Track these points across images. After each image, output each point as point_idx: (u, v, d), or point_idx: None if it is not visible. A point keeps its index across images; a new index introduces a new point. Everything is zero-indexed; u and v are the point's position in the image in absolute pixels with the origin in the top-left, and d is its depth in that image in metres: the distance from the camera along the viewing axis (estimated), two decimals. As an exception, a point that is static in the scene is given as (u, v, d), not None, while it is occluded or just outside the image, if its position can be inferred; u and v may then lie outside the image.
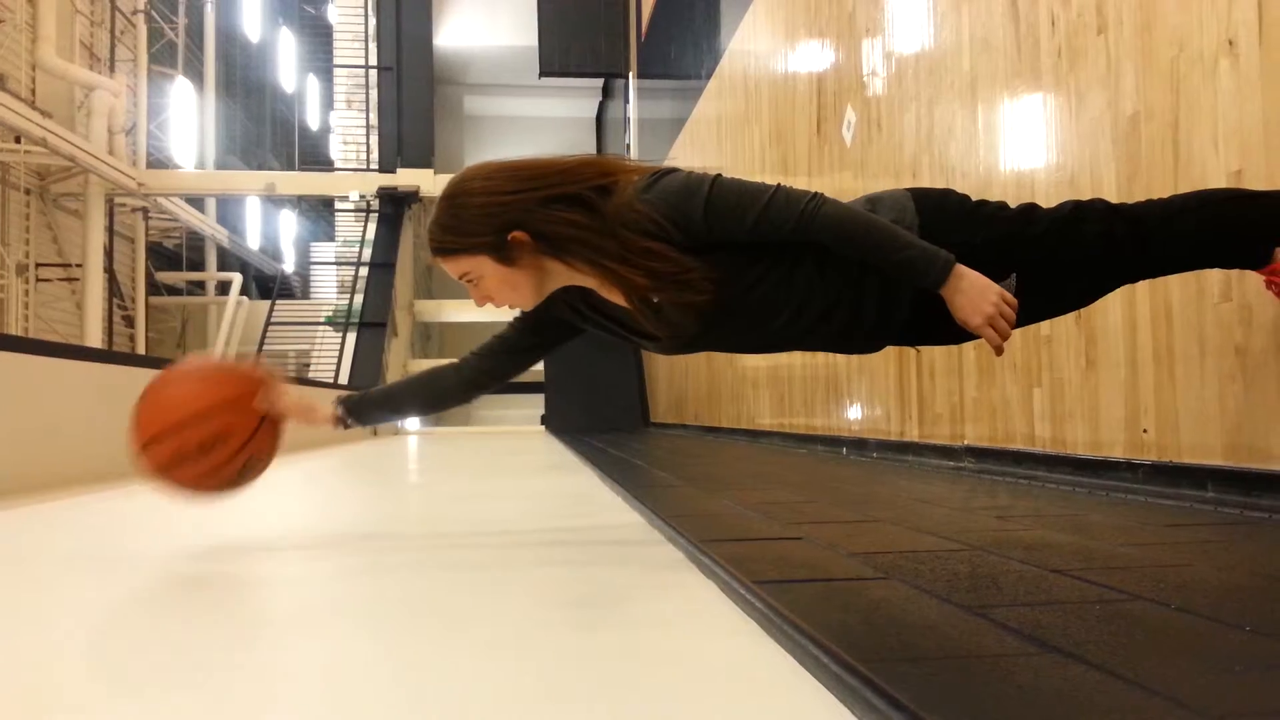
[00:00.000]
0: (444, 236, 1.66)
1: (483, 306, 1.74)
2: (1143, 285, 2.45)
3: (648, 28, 12.69)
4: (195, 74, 18.67)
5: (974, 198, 1.73)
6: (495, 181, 1.63)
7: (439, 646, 1.18)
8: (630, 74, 14.90)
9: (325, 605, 1.48)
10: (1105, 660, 0.92)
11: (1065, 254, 1.64)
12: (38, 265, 13.39)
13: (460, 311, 16.32)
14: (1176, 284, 2.33)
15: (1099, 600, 1.20)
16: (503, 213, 1.60)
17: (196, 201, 17.22)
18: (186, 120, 17.98)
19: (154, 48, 16.66)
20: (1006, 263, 1.61)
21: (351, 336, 13.51)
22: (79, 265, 13.65)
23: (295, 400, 1.93)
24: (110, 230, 14.39)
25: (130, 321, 15.61)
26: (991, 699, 0.82)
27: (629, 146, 14.92)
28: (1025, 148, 3.08)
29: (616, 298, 1.69)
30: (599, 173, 1.61)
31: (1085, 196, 2.67)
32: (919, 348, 1.87)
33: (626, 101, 15.25)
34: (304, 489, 4.10)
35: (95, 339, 13.24)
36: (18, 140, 11.84)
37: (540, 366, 13.77)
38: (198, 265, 18.77)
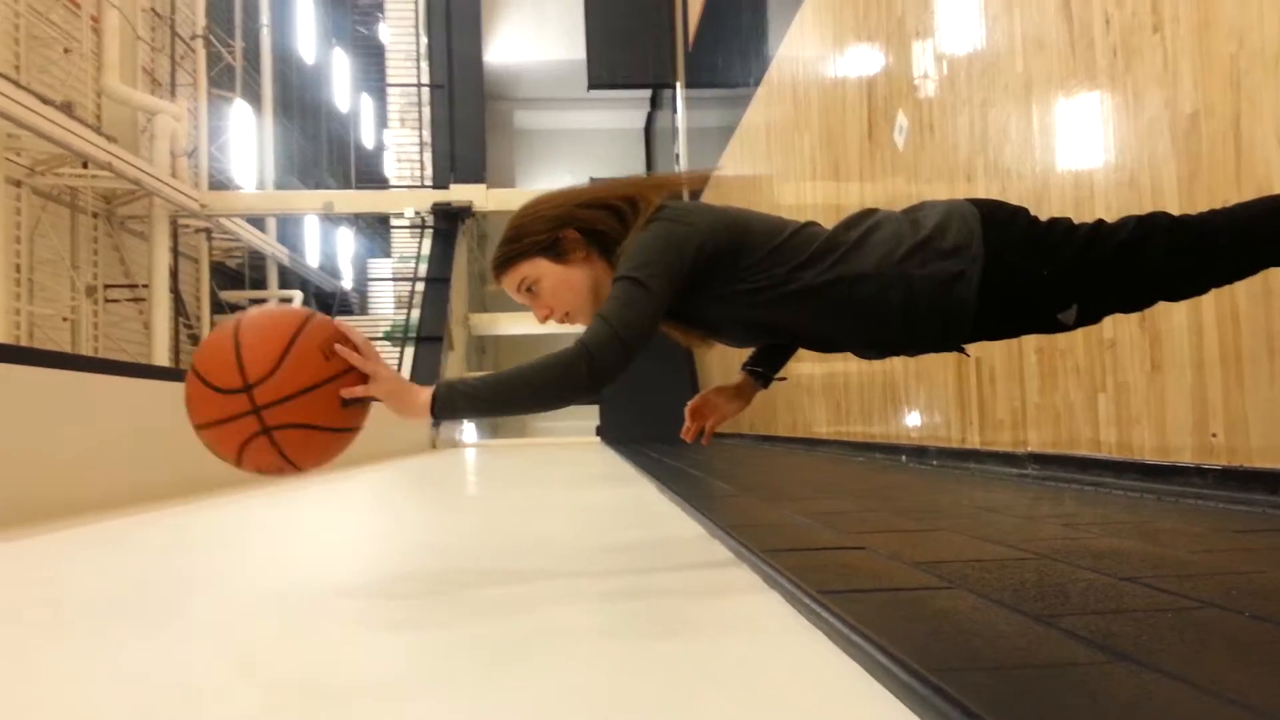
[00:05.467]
0: (503, 249, 1.79)
1: (545, 322, 1.79)
2: (1208, 286, 2.41)
3: (695, 37, 12.73)
4: (253, 96, 19.07)
5: (1032, 202, 1.72)
6: (549, 197, 1.81)
7: (504, 656, 1.21)
8: (678, 84, 14.93)
9: (389, 615, 1.52)
10: (1178, 669, 0.91)
11: (1129, 276, 1.61)
12: (106, 286, 13.77)
13: (514, 324, 16.46)
14: (1242, 284, 2.29)
15: (1170, 608, 1.19)
16: (554, 214, 1.75)
17: (257, 221, 17.56)
18: (246, 142, 18.37)
19: (213, 72, 17.05)
20: (1070, 293, 1.60)
21: (409, 351, 13.69)
22: (145, 286, 14.01)
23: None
24: (175, 251, 14.75)
25: (196, 340, 15.97)
26: (1064, 708, 0.82)
27: (678, 156, 14.96)
28: (1082, 148, 3.04)
29: None
30: (628, 187, 1.78)
31: (1145, 196, 2.65)
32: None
33: (675, 111, 15.29)
34: (367, 501, 4.17)
35: (163, 358, 13.57)
36: (85, 165, 12.19)
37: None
38: (260, 284, 19.14)
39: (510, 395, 1.59)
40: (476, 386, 1.60)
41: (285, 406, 1.53)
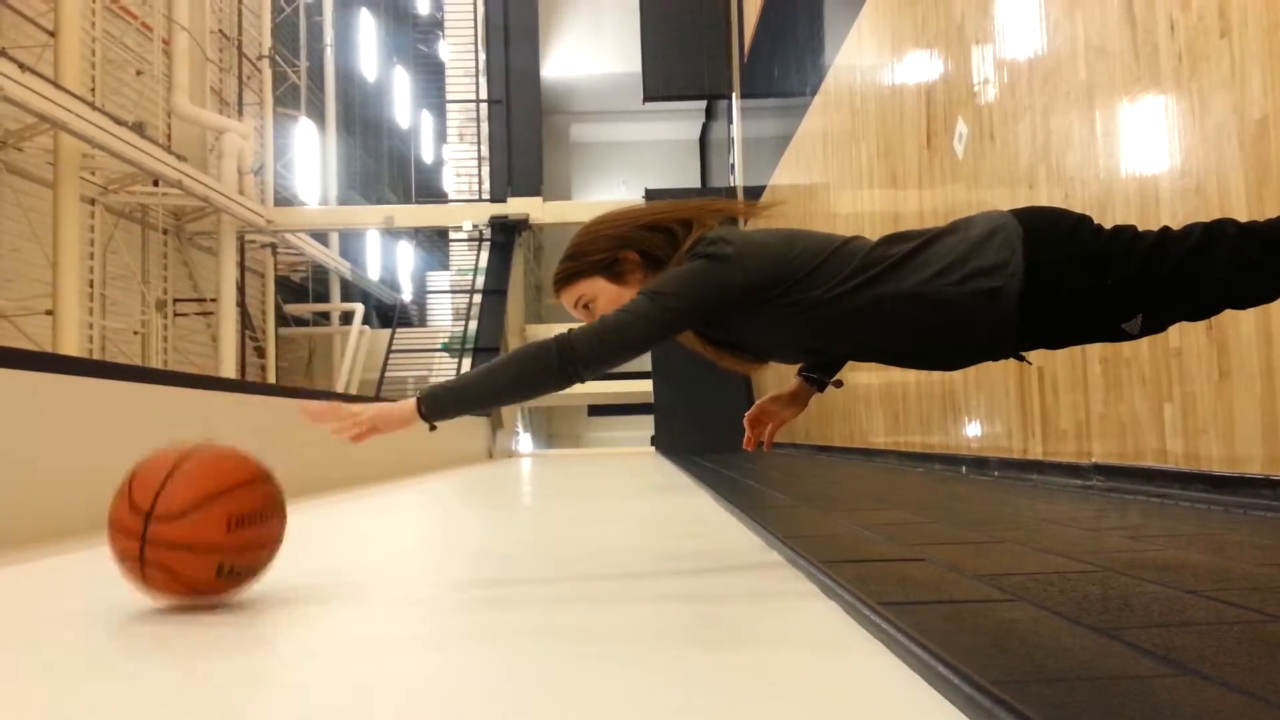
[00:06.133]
0: (564, 264, 1.84)
1: None
2: (1278, 294, 2.36)
3: (750, 48, 12.74)
4: (317, 114, 19.49)
5: (1095, 210, 1.69)
6: (612, 216, 1.85)
7: (565, 665, 1.22)
8: (733, 94, 14.95)
9: (452, 623, 1.55)
10: (1245, 683, 0.90)
11: (1195, 285, 1.58)
12: (175, 300, 14.16)
13: (570, 335, 16.57)
14: (1315, 292, 2.24)
15: (1238, 621, 1.17)
16: (615, 234, 1.80)
17: (320, 236, 17.93)
18: (310, 159, 18.78)
19: (278, 91, 17.47)
20: (1135, 303, 1.57)
21: (467, 362, 13.85)
22: (213, 300, 14.38)
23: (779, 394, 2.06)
24: (241, 266, 15.12)
25: (261, 352, 16.34)
26: (1127, 720, 0.82)
27: (733, 167, 14.97)
28: (1147, 155, 2.99)
29: None
30: (689, 210, 1.81)
31: (1212, 204, 2.60)
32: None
33: (730, 122, 15.30)
34: (427, 510, 4.23)
35: (230, 369, 13.90)
36: (156, 183, 12.56)
37: (649, 387, 13.90)
38: (323, 297, 19.52)
39: (489, 384, 1.67)
40: (459, 381, 1.69)
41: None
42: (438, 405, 1.67)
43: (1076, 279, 1.56)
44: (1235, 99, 2.53)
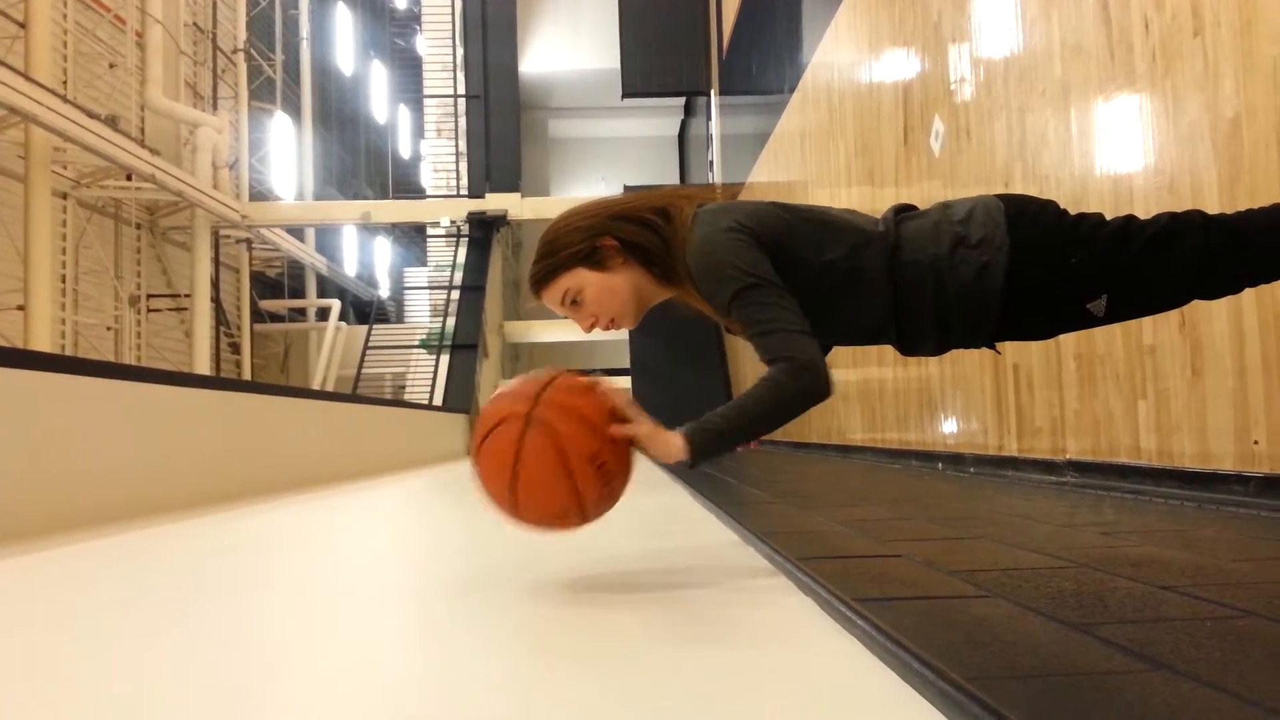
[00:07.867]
0: (540, 264, 1.79)
1: (590, 330, 1.81)
2: (1249, 292, 2.38)
3: (729, 45, 12.74)
4: (293, 108, 19.35)
5: (1070, 208, 1.71)
6: (580, 209, 1.82)
7: (538, 663, 1.22)
8: (712, 91, 14.96)
9: (434, 623, 1.53)
10: (1218, 678, 0.91)
11: (1161, 271, 1.60)
12: (149, 296, 14.02)
13: (547, 332, 16.55)
14: (1286, 290, 2.26)
15: (1210, 617, 1.18)
16: (588, 225, 1.76)
17: (296, 231, 17.80)
18: (285, 153, 18.64)
19: (254, 85, 17.33)
20: (1100, 283, 1.60)
21: (445, 358, 13.79)
22: (187, 295, 14.25)
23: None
24: (216, 261, 14.98)
25: (236, 348, 16.21)
26: (1101, 716, 0.82)
27: (712, 163, 14.98)
28: (1122, 153, 3.01)
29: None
30: (659, 198, 1.79)
31: (1185, 201, 2.62)
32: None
33: (709, 119, 15.31)
34: (405, 508, 4.21)
35: (204, 366, 13.78)
36: (129, 177, 12.43)
37: (627, 384, 13.90)
38: (298, 293, 19.39)
39: (751, 427, 1.68)
40: (721, 427, 1.67)
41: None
42: (704, 447, 1.67)
43: (1043, 257, 1.58)
44: (1208, 98, 2.55)
